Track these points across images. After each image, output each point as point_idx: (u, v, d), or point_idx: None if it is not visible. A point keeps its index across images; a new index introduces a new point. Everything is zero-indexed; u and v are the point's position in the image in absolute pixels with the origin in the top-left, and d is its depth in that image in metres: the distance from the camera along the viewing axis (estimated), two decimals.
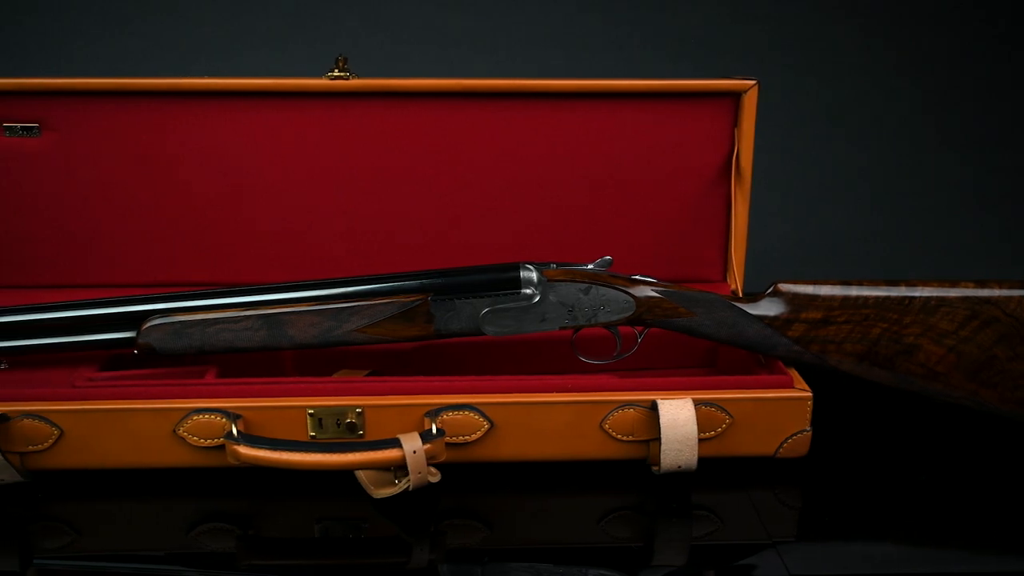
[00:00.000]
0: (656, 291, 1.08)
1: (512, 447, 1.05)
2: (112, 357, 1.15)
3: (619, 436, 1.05)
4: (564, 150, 1.28)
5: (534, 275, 1.07)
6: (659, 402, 1.03)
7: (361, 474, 1.03)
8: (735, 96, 1.26)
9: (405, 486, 1.00)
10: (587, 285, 1.07)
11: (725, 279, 1.34)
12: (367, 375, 1.18)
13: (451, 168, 1.28)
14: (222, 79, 1.23)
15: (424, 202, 1.29)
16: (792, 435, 1.07)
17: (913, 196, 1.83)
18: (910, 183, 1.84)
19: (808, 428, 1.07)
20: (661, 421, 1.02)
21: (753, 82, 1.25)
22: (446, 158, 1.27)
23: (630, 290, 1.07)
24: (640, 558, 0.97)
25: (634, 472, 1.08)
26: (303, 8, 1.70)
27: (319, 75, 1.23)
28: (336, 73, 1.22)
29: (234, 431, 1.00)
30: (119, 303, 1.09)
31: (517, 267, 1.08)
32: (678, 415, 1.02)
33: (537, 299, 1.07)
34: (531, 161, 1.28)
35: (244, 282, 1.27)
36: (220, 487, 1.06)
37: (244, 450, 0.98)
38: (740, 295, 1.18)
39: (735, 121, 1.28)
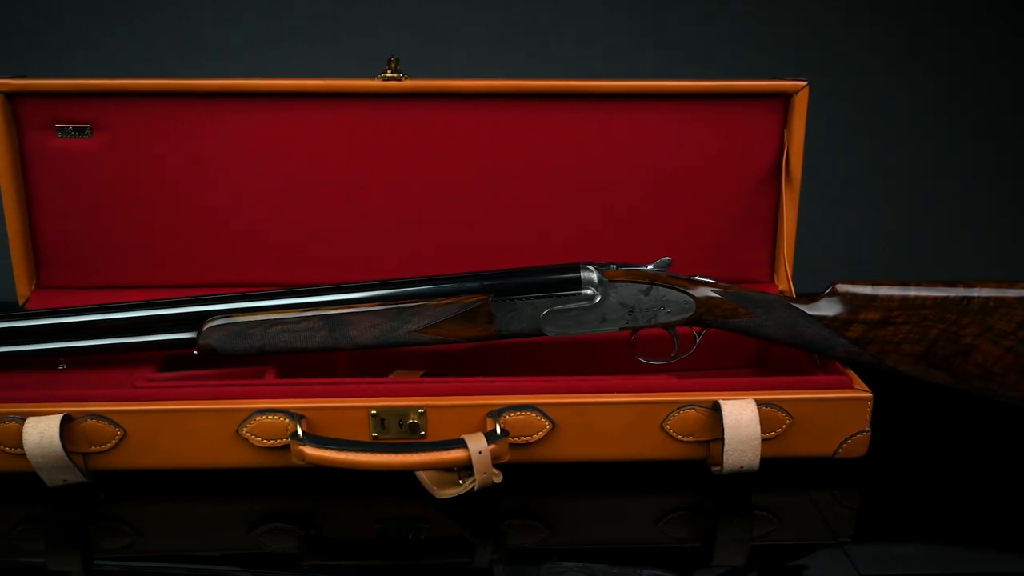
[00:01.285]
0: (716, 292, 1.08)
1: (572, 448, 1.06)
2: (168, 358, 1.15)
3: (679, 436, 1.06)
4: (614, 151, 1.28)
5: (595, 275, 1.07)
6: (722, 403, 1.03)
7: (423, 474, 1.03)
8: (785, 97, 1.26)
9: (470, 487, 1.00)
10: (648, 286, 1.07)
11: (772, 279, 1.34)
12: (422, 376, 1.18)
13: (503, 169, 1.28)
14: (275, 80, 1.23)
15: (476, 203, 1.29)
16: (852, 435, 1.07)
17: (962, 196, 1.82)
18: (960, 183, 1.82)
19: (867, 428, 1.07)
20: (724, 422, 1.02)
21: (804, 83, 1.25)
22: (498, 159, 1.28)
23: (691, 291, 1.08)
24: (699, 558, 0.97)
25: (690, 472, 1.08)
26: (346, 9, 1.70)
27: (370, 76, 1.23)
28: (389, 74, 1.22)
29: (299, 432, 1.00)
30: (179, 304, 1.09)
31: (578, 267, 1.08)
32: (741, 416, 1.02)
33: (598, 300, 1.07)
34: (582, 162, 1.28)
35: (296, 283, 1.27)
36: (277, 487, 1.06)
37: (310, 451, 0.98)
38: (793, 295, 1.18)
39: (784, 122, 1.28)
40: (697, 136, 1.28)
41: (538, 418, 1.04)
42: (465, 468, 1.01)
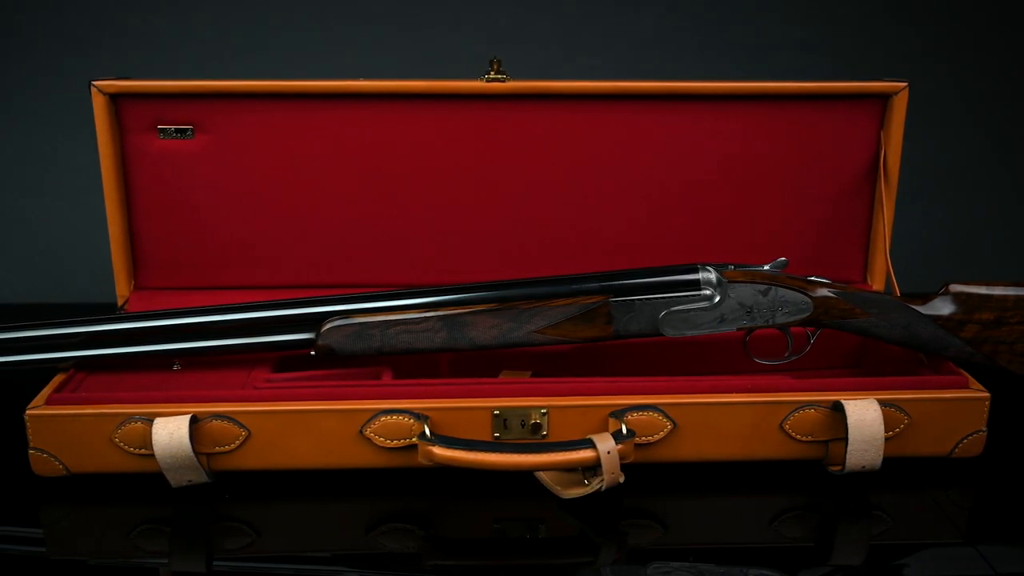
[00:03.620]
0: (833, 292, 1.09)
1: (692, 448, 1.06)
2: (281, 358, 1.15)
3: (798, 436, 1.06)
4: (711, 151, 1.29)
5: (713, 276, 1.08)
6: (844, 403, 1.03)
7: (544, 475, 1.04)
8: (884, 98, 1.27)
9: (597, 486, 1.00)
10: (766, 286, 1.08)
11: (865, 280, 1.35)
12: (531, 376, 1.18)
13: (603, 170, 1.28)
14: (376, 81, 1.23)
15: (577, 204, 1.30)
16: (968, 435, 1.08)
17: None
18: None
19: (984, 428, 1.08)
20: (848, 421, 1.02)
21: (904, 84, 1.25)
22: (596, 160, 1.28)
23: (809, 292, 1.08)
24: (815, 557, 0.97)
25: (803, 472, 1.09)
26: (445, 11, 1.71)
27: (471, 77, 1.23)
28: (492, 75, 1.22)
29: (427, 432, 1.01)
30: (297, 305, 1.09)
31: (696, 268, 1.08)
32: (864, 415, 1.03)
33: (717, 300, 1.07)
34: (680, 163, 1.29)
35: (396, 284, 1.28)
36: (390, 487, 1.07)
37: (440, 451, 0.99)
38: (898, 295, 1.18)
39: (881, 123, 1.28)
40: (793, 137, 1.29)
41: (660, 418, 1.04)
42: (590, 468, 1.01)
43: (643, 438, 1.04)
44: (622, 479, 1.01)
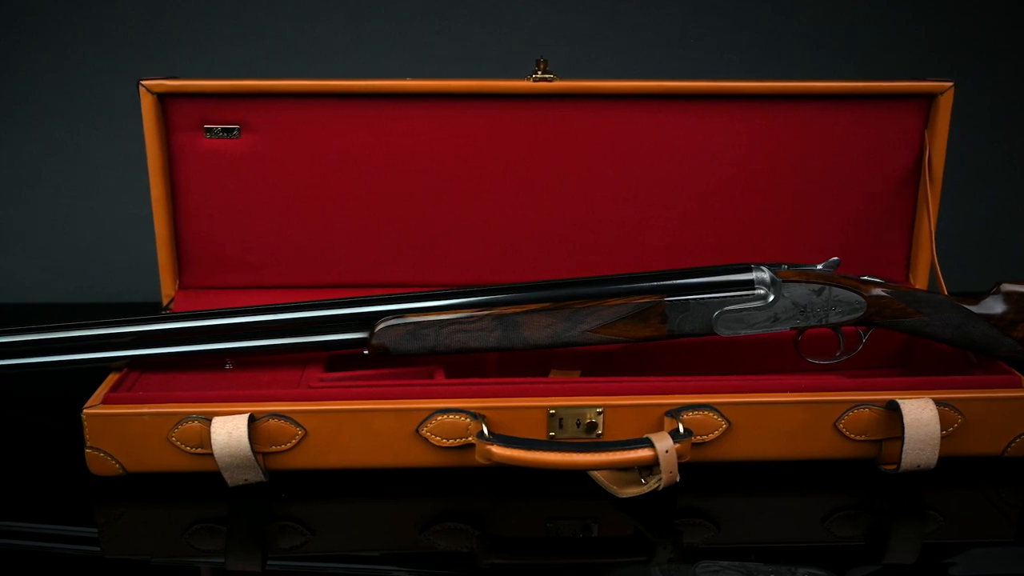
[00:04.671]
0: (886, 292, 1.09)
1: (746, 447, 1.06)
2: (331, 357, 1.15)
3: (852, 436, 1.06)
4: (756, 151, 1.29)
5: (767, 275, 1.08)
6: (900, 402, 1.03)
7: (600, 474, 1.04)
8: (929, 98, 1.27)
9: (655, 485, 1.00)
10: (820, 286, 1.08)
11: (907, 279, 1.35)
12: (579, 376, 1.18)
13: (650, 170, 1.29)
14: (424, 81, 1.23)
15: (624, 204, 1.30)
16: (1020, 434, 1.08)
17: None
18: None
19: None
20: (904, 421, 1.02)
21: (950, 84, 1.25)
22: (646, 160, 1.28)
23: (862, 291, 1.08)
24: (869, 556, 0.97)
25: (853, 471, 1.09)
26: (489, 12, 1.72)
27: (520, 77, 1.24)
28: (540, 75, 1.22)
29: (485, 431, 1.01)
30: (350, 304, 1.09)
31: (750, 267, 1.08)
32: (921, 415, 1.03)
33: (771, 299, 1.07)
34: (727, 162, 1.29)
35: (445, 283, 1.28)
36: (445, 486, 1.07)
37: (498, 450, 0.99)
38: (946, 295, 1.18)
39: (926, 123, 1.28)
40: (838, 137, 1.29)
41: (715, 417, 1.04)
42: (647, 467, 1.01)
43: (698, 437, 1.04)
44: (678, 478, 1.01)
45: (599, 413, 1.04)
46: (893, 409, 1.04)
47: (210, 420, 1.01)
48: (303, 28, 1.70)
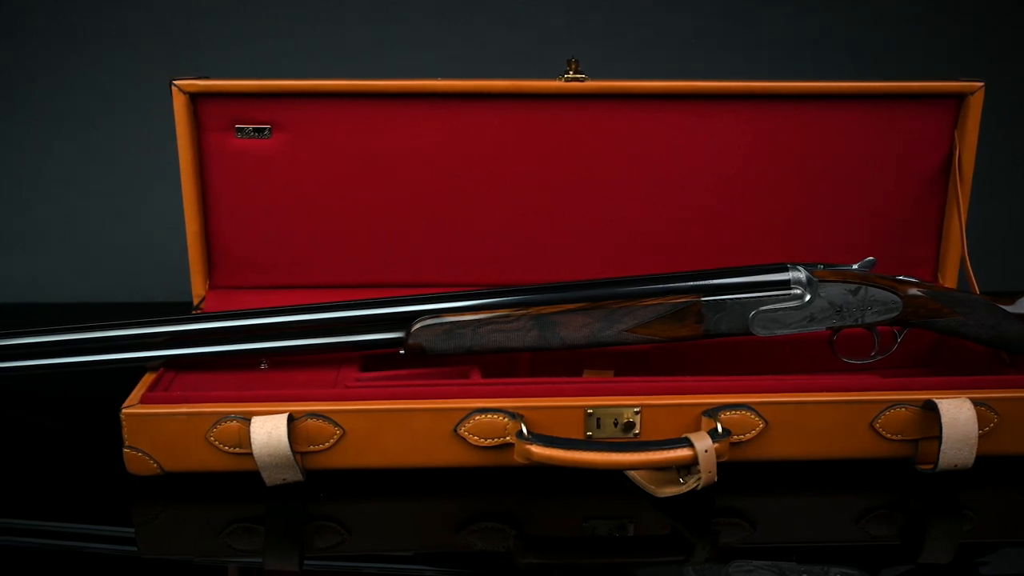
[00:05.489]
0: (923, 292, 1.09)
1: (782, 446, 1.06)
2: (366, 357, 1.15)
3: (889, 435, 1.06)
4: (784, 150, 1.29)
5: (803, 275, 1.08)
6: (937, 402, 1.03)
7: (637, 474, 1.04)
8: (959, 98, 1.27)
9: (694, 485, 1.00)
10: (857, 286, 1.08)
11: (936, 278, 1.35)
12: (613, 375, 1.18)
13: (682, 170, 1.29)
14: (455, 81, 1.23)
15: (656, 203, 1.30)
16: None
17: None
18: None
19: None
20: (942, 420, 1.02)
21: (980, 84, 1.26)
22: (678, 160, 1.28)
23: (899, 291, 1.08)
24: (905, 556, 0.97)
25: (888, 471, 1.09)
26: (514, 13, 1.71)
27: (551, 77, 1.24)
28: (571, 75, 1.22)
29: (524, 430, 1.01)
30: (386, 304, 1.09)
31: (786, 267, 1.08)
32: (958, 414, 1.03)
33: (807, 299, 1.07)
34: (759, 162, 1.29)
35: (477, 282, 1.28)
36: (480, 486, 1.07)
37: (538, 449, 0.99)
38: (978, 294, 1.18)
39: (955, 123, 1.29)
40: (867, 137, 1.29)
41: (752, 417, 1.04)
42: (685, 467, 1.01)
43: (735, 437, 1.04)
44: (716, 478, 1.02)
45: (636, 413, 1.04)
46: (930, 409, 1.04)
47: (249, 420, 1.01)
48: (328, 28, 1.70)
